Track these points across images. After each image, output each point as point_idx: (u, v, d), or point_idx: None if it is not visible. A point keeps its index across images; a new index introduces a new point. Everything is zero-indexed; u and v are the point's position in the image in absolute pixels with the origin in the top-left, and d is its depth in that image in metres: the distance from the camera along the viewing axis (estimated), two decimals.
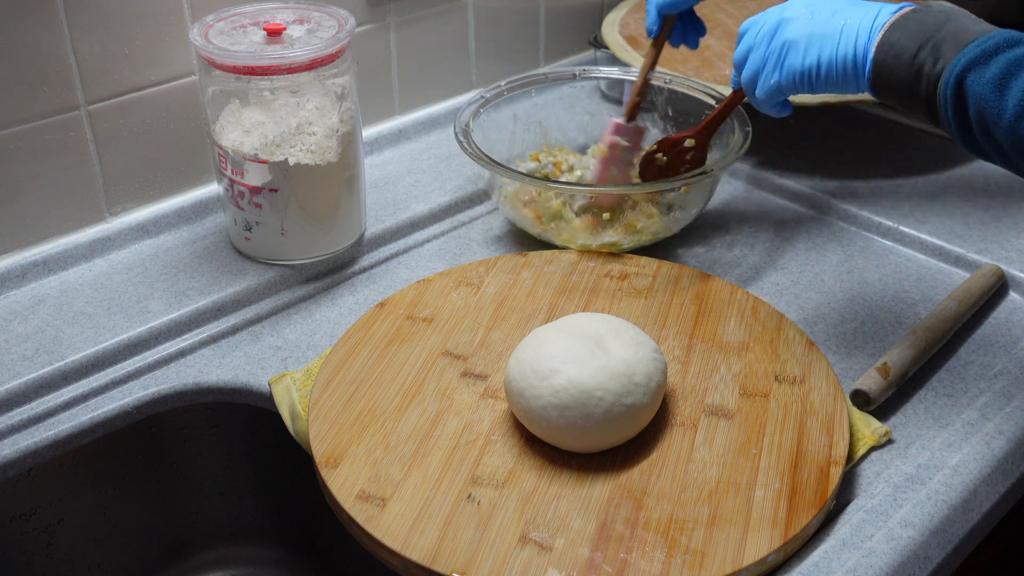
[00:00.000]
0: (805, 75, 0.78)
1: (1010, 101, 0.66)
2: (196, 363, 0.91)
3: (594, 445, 0.75)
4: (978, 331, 0.93)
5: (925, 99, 0.72)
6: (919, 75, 0.71)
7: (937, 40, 0.71)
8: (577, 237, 1.01)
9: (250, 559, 1.00)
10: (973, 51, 0.68)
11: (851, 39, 0.75)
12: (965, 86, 0.68)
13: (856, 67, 0.75)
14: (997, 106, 0.67)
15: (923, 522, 0.73)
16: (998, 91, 0.67)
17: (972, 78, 0.68)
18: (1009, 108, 0.66)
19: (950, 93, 0.69)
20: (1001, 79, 0.67)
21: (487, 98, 1.10)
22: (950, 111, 0.70)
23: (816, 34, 0.77)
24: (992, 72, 0.67)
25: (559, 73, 1.17)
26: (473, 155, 0.99)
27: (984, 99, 0.67)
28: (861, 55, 0.75)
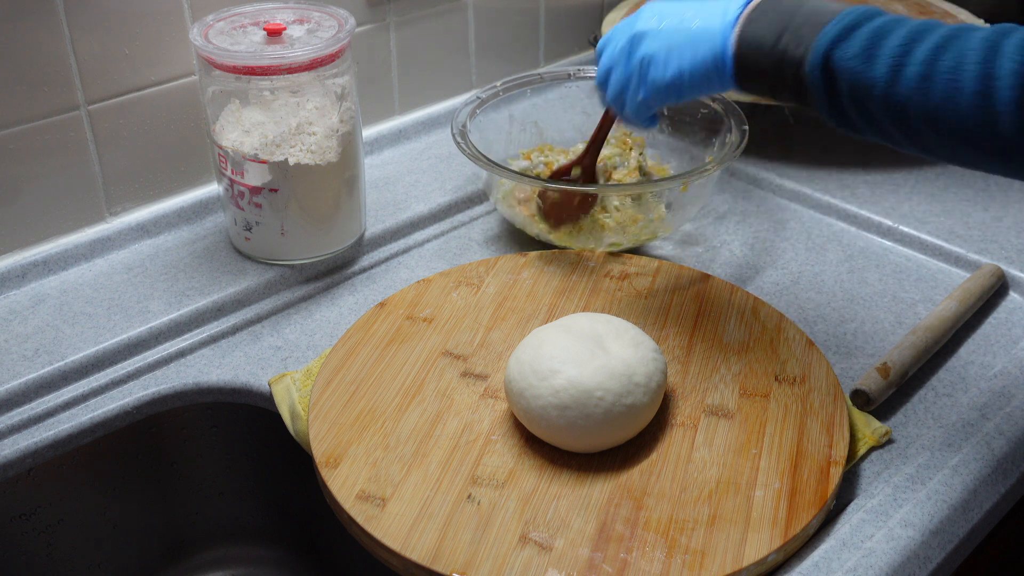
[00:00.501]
0: (671, 87, 0.78)
1: (880, 69, 0.66)
2: (196, 363, 0.91)
3: (594, 445, 0.75)
4: (978, 331, 0.93)
5: (793, 84, 0.71)
6: (783, 61, 0.71)
7: (795, 25, 0.71)
8: (573, 237, 1.01)
9: (250, 559, 1.00)
10: (834, 28, 0.68)
11: (708, 42, 0.75)
12: (832, 63, 0.68)
13: (718, 68, 0.75)
14: (868, 76, 0.67)
15: (923, 522, 0.73)
16: (866, 62, 0.67)
17: (839, 54, 0.68)
18: (880, 76, 0.66)
19: (818, 74, 0.69)
20: (867, 50, 0.67)
21: (483, 98, 1.10)
22: (821, 91, 0.70)
23: (673, 44, 0.77)
24: (857, 44, 0.67)
25: (555, 73, 1.17)
26: (470, 155, 1.00)
27: (854, 72, 0.67)
28: (720, 55, 0.74)
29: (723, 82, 0.76)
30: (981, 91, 0.63)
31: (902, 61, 0.66)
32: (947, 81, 0.64)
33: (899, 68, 0.66)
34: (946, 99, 0.64)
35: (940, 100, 0.64)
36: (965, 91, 0.63)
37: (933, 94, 0.65)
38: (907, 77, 0.65)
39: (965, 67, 0.63)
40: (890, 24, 0.68)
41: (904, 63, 0.66)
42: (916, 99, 0.65)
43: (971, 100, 0.63)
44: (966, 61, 0.63)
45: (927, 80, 0.65)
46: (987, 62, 0.63)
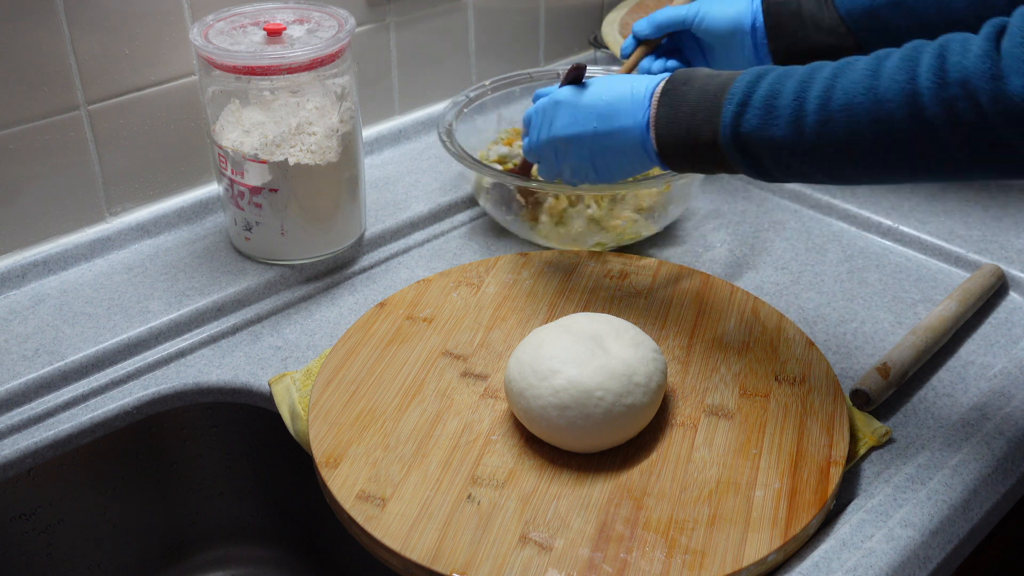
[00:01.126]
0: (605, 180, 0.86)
1: (782, 128, 0.70)
2: (196, 363, 0.91)
3: (594, 445, 0.75)
4: (978, 331, 0.93)
5: (717, 161, 0.76)
6: (700, 147, 0.76)
7: (698, 111, 0.75)
8: (558, 235, 1.01)
9: (250, 559, 1.00)
10: (730, 106, 0.73)
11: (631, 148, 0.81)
12: (742, 137, 0.73)
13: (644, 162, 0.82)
14: (776, 137, 0.71)
15: (923, 522, 0.73)
16: (769, 125, 0.71)
17: (743, 128, 0.72)
18: (785, 134, 0.70)
19: (732, 148, 0.74)
20: (766, 114, 0.71)
21: (472, 98, 1.10)
22: (741, 161, 0.74)
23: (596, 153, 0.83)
24: (755, 113, 0.71)
25: (543, 72, 1.17)
26: (456, 154, 1.00)
27: (762, 137, 0.72)
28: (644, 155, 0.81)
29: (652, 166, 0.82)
30: (876, 118, 0.66)
31: (799, 113, 0.70)
32: (845, 118, 0.68)
33: (799, 120, 0.70)
34: (850, 134, 0.68)
35: (845, 137, 0.68)
36: (863, 121, 0.67)
37: (837, 134, 0.68)
38: (809, 126, 0.69)
39: (856, 100, 0.67)
40: (778, 80, 0.72)
41: (802, 114, 0.70)
42: (824, 142, 0.69)
43: (871, 128, 0.67)
44: (854, 94, 0.67)
45: (827, 123, 0.69)
46: (872, 89, 0.66)
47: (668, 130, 0.77)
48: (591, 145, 0.83)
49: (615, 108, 0.81)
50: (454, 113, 1.07)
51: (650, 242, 1.05)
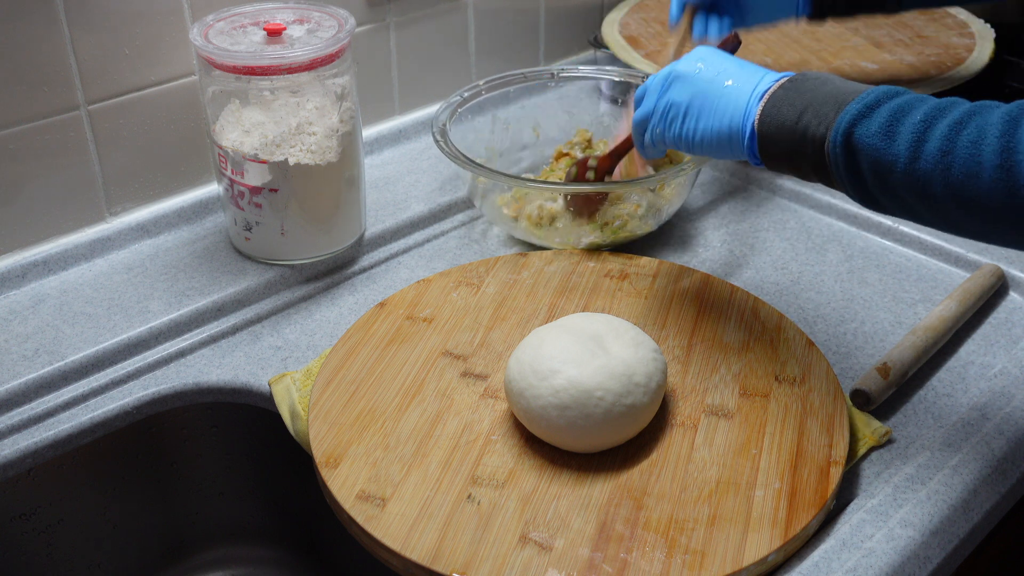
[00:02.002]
0: (684, 142, 0.80)
1: (901, 146, 0.67)
2: (196, 363, 0.91)
3: (594, 445, 0.75)
4: (978, 331, 0.93)
5: (813, 161, 0.72)
6: (804, 139, 0.72)
7: (817, 104, 0.72)
8: (556, 235, 1.01)
9: (250, 559, 1.00)
10: (856, 107, 0.69)
11: (731, 112, 0.76)
12: (854, 141, 0.69)
13: (734, 140, 0.76)
14: (889, 153, 0.67)
15: (923, 522, 0.73)
16: (887, 139, 0.67)
17: (859, 132, 0.69)
18: (901, 153, 0.67)
19: (840, 151, 0.70)
20: (888, 127, 0.68)
21: (465, 98, 1.10)
22: (842, 168, 0.70)
23: (698, 101, 0.78)
24: (878, 122, 0.68)
25: (538, 72, 1.17)
26: (449, 154, 1.00)
27: (875, 149, 0.68)
28: (739, 129, 0.76)
29: (736, 152, 0.77)
30: (1002, 164, 0.62)
31: (923, 137, 0.66)
32: (968, 156, 0.64)
33: (919, 144, 0.66)
34: (968, 174, 0.64)
35: (962, 175, 0.64)
36: (986, 165, 0.63)
37: (954, 169, 0.64)
38: (928, 152, 0.65)
39: (986, 141, 0.63)
40: (911, 102, 0.68)
41: (925, 139, 0.66)
42: (937, 174, 0.65)
43: (993, 174, 0.63)
44: (986, 135, 0.63)
45: (948, 155, 0.65)
46: (1007, 135, 0.63)
47: (778, 110, 0.73)
48: (698, 89, 0.78)
49: (742, 73, 0.77)
50: (448, 113, 1.07)
51: (650, 242, 1.05)
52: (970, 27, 1.27)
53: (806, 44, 1.27)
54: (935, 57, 1.21)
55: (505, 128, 1.15)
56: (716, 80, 0.78)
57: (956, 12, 1.31)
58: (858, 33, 1.26)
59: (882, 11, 0.87)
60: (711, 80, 0.78)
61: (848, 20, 1.11)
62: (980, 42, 1.23)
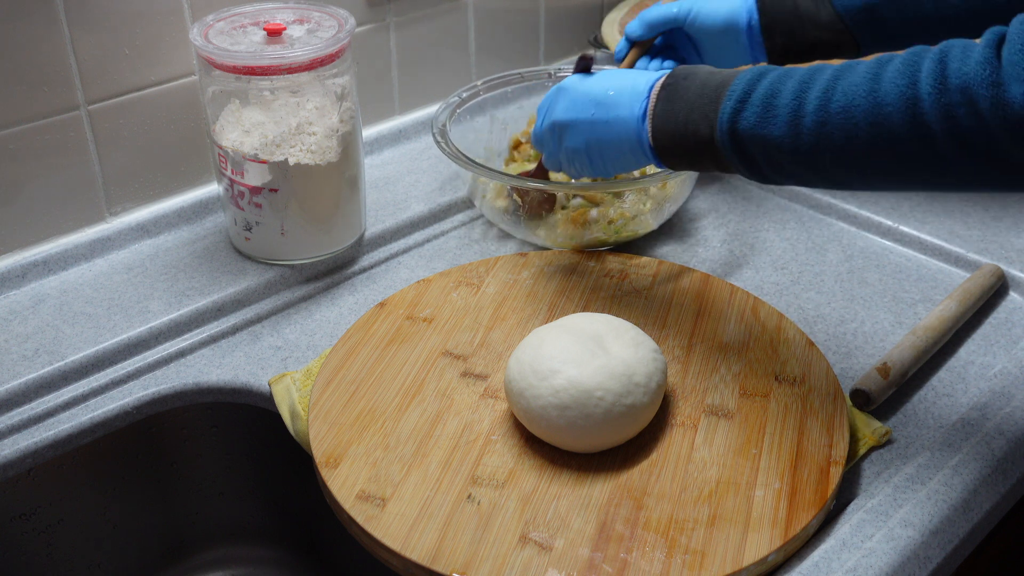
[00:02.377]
0: (599, 172, 0.84)
1: (780, 127, 0.70)
2: (196, 363, 0.91)
3: (594, 445, 0.75)
4: (978, 331, 0.93)
5: (711, 158, 0.75)
6: (695, 142, 0.75)
7: (694, 106, 0.74)
8: (556, 234, 1.01)
9: (250, 559, 1.00)
10: (730, 102, 0.72)
11: (625, 137, 0.79)
12: (738, 133, 0.72)
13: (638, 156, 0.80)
14: (773, 136, 0.70)
15: (923, 522, 0.73)
16: (767, 124, 0.70)
17: (741, 124, 0.71)
18: (782, 134, 0.70)
19: (728, 145, 0.72)
20: (764, 112, 0.70)
21: (464, 98, 1.10)
22: (735, 159, 0.73)
23: (592, 140, 0.82)
24: (754, 111, 0.71)
25: (535, 72, 1.17)
26: (450, 154, 1.00)
27: (759, 137, 0.71)
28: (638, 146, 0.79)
29: (646, 162, 0.81)
30: (875, 121, 0.66)
31: (798, 113, 0.69)
32: (843, 120, 0.67)
33: (797, 121, 0.69)
34: (847, 137, 0.67)
35: (842, 140, 0.67)
36: (861, 124, 0.66)
37: (834, 136, 0.68)
38: (806, 127, 0.69)
39: (855, 103, 0.66)
40: (779, 80, 0.71)
41: (800, 115, 0.69)
42: (821, 144, 0.69)
43: (869, 131, 0.66)
44: (854, 97, 0.67)
45: (825, 125, 0.68)
46: (873, 92, 0.66)
47: (664, 123, 0.76)
48: (587, 133, 0.82)
49: (614, 98, 0.80)
50: (447, 113, 1.07)
51: (650, 241, 1.05)
52: None
53: None
54: None
55: (504, 128, 1.15)
56: (598, 115, 0.81)
57: None
58: None
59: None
60: (594, 119, 0.81)
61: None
62: None
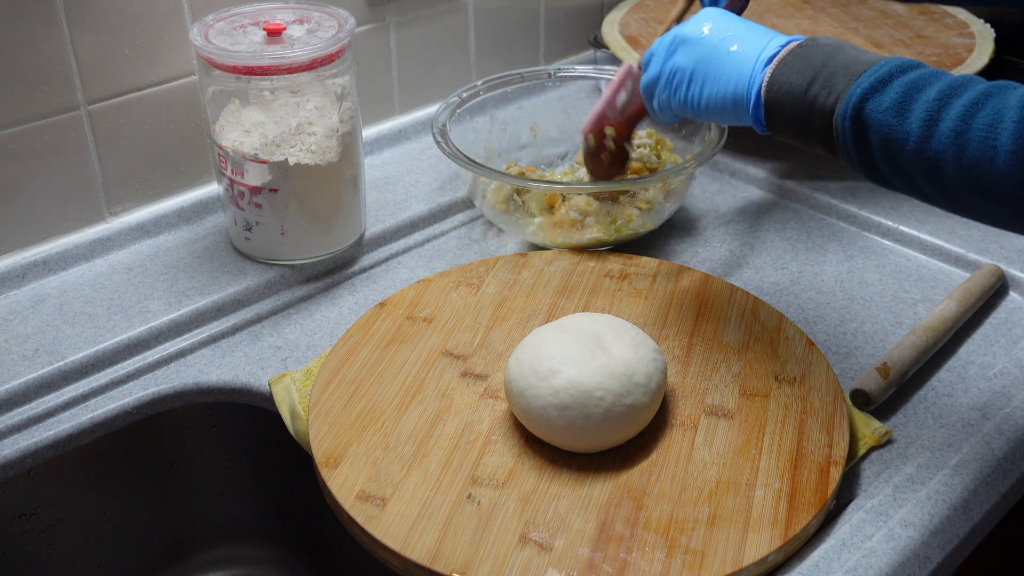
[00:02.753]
0: (689, 107, 0.78)
1: (913, 124, 0.65)
2: (196, 363, 0.91)
3: (594, 445, 0.75)
4: (978, 331, 0.93)
5: (822, 132, 0.70)
6: (812, 109, 0.70)
7: (828, 73, 0.70)
8: (557, 234, 1.01)
9: (250, 559, 1.00)
10: (868, 80, 0.67)
11: (736, 77, 0.74)
12: (864, 115, 0.67)
13: (739, 106, 0.75)
14: (901, 130, 0.65)
15: (923, 522, 0.73)
16: (899, 116, 0.65)
17: (871, 106, 0.67)
18: (914, 131, 0.65)
19: (848, 124, 0.68)
20: (901, 103, 0.65)
21: (464, 98, 1.10)
22: (850, 143, 0.69)
23: (703, 66, 0.76)
24: (891, 98, 0.66)
25: (535, 72, 1.17)
26: (450, 154, 1.00)
27: (886, 125, 0.66)
28: (744, 95, 0.74)
29: (742, 119, 0.75)
30: (1017, 151, 0.61)
31: (937, 116, 0.64)
32: (983, 139, 0.62)
33: (933, 123, 0.64)
34: (981, 157, 0.62)
35: (975, 158, 0.63)
36: (1001, 150, 0.61)
37: (968, 152, 0.63)
38: (941, 132, 0.64)
39: (1002, 125, 0.62)
40: (926, 78, 0.66)
41: (939, 118, 0.64)
42: (950, 155, 0.64)
43: (1007, 160, 0.61)
44: (1003, 119, 0.62)
45: (962, 137, 0.63)
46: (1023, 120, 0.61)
47: (787, 77, 0.71)
48: (703, 54, 0.75)
49: (747, 35, 0.75)
50: (447, 113, 1.07)
51: (650, 241, 1.05)
52: (970, 27, 1.27)
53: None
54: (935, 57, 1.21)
55: (503, 128, 1.15)
56: (721, 44, 0.75)
57: (956, 12, 1.31)
58: (858, 33, 1.26)
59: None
60: (716, 45, 0.76)
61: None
62: (980, 42, 1.23)
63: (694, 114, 0.78)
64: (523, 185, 0.99)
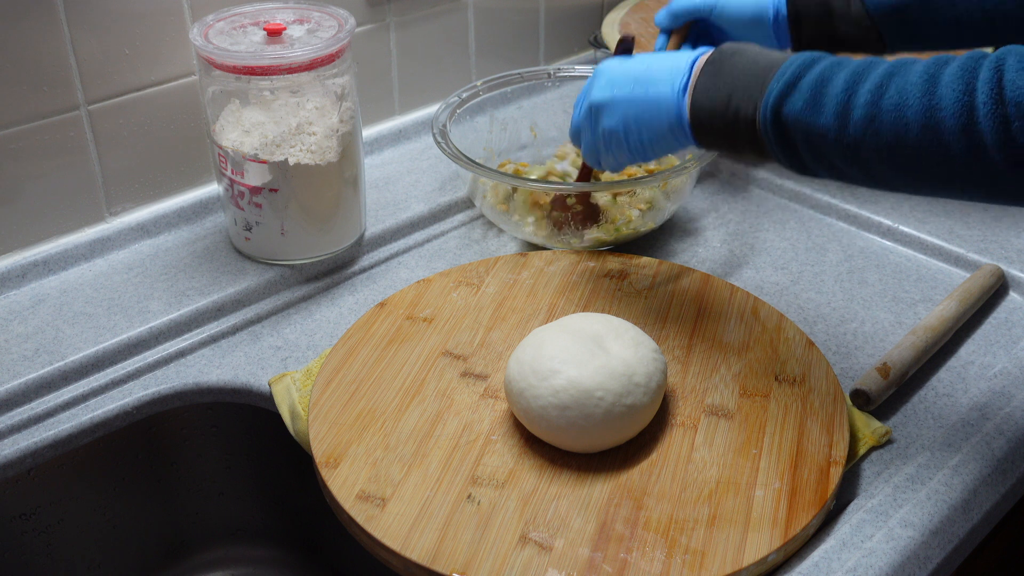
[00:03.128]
0: (636, 154, 0.82)
1: (828, 117, 0.68)
2: (196, 363, 0.91)
3: (594, 445, 0.75)
4: (978, 331, 0.93)
5: (749, 141, 0.73)
6: (736, 123, 0.73)
7: (740, 86, 0.73)
8: (556, 234, 1.01)
9: (250, 559, 1.00)
10: (778, 85, 0.70)
11: (664, 112, 0.77)
12: (782, 119, 0.70)
13: (677, 134, 0.78)
14: (818, 126, 0.68)
15: (923, 522, 0.73)
16: (814, 113, 0.69)
17: (787, 110, 0.70)
18: (830, 125, 0.68)
19: (770, 129, 0.71)
20: (813, 101, 0.69)
21: (463, 99, 1.10)
22: (775, 145, 0.72)
23: (629, 117, 0.80)
24: (802, 97, 0.69)
25: (535, 72, 1.17)
26: (451, 155, 1.00)
27: (804, 124, 0.69)
28: (677, 123, 0.77)
29: (684, 143, 0.79)
30: (927, 124, 0.64)
31: (848, 105, 0.67)
32: (894, 119, 0.66)
33: (846, 113, 0.68)
34: (896, 136, 0.66)
35: (891, 138, 0.66)
36: (912, 125, 0.65)
37: (882, 133, 0.66)
38: (855, 120, 0.67)
39: (908, 103, 0.65)
40: (831, 68, 0.69)
41: (850, 107, 0.67)
42: (867, 140, 0.67)
43: (919, 133, 0.65)
44: (908, 96, 0.65)
45: (874, 121, 0.66)
46: (928, 95, 0.64)
47: (705, 99, 0.74)
48: (625, 110, 0.79)
49: (653, 74, 0.78)
50: (447, 114, 1.07)
51: (650, 241, 1.05)
52: None
53: None
54: None
55: (503, 128, 1.15)
56: (636, 92, 0.79)
57: None
58: None
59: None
60: (631, 95, 0.79)
61: None
62: None
63: (644, 159, 0.82)
64: (522, 185, 0.99)
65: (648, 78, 0.78)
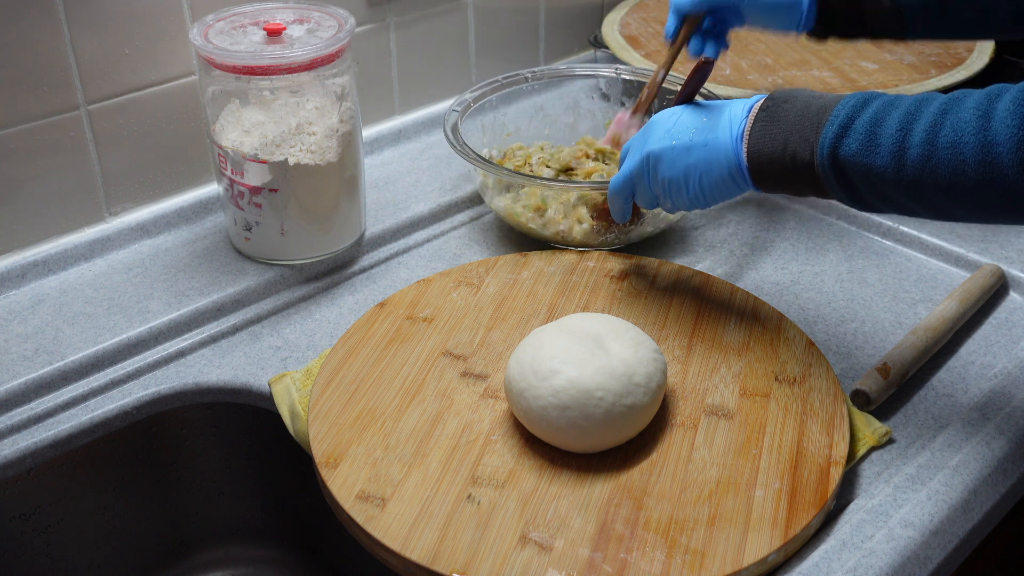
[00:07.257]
0: (697, 202, 0.83)
1: (884, 158, 0.69)
2: (196, 363, 0.91)
3: (594, 445, 0.75)
4: (978, 331, 0.93)
5: (810, 183, 0.75)
6: (794, 168, 0.74)
7: (795, 130, 0.74)
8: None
9: (250, 559, 1.00)
10: (832, 129, 0.72)
11: (722, 160, 0.79)
12: (840, 160, 0.71)
13: (737, 181, 0.79)
14: (876, 167, 0.70)
15: (923, 522, 0.73)
16: (871, 154, 0.70)
17: (843, 152, 0.71)
18: (888, 165, 0.69)
19: (829, 172, 0.72)
20: (868, 142, 0.70)
21: (471, 100, 1.10)
22: (835, 185, 0.73)
23: (689, 167, 0.81)
24: (857, 140, 0.70)
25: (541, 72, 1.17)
26: (461, 152, 1.00)
27: (862, 165, 0.70)
28: (736, 170, 0.79)
29: (744, 188, 0.80)
30: (985, 160, 0.65)
31: (903, 146, 0.68)
32: (950, 156, 0.66)
33: (902, 153, 0.68)
34: (954, 172, 0.66)
35: (948, 175, 0.67)
36: (969, 162, 0.66)
37: (940, 171, 0.67)
38: (911, 160, 0.68)
39: (964, 139, 0.66)
40: (884, 109, 0.70)
41: (906, 146, 0.68)
42: (926, 178, 0.68)
43: (977, 169, 0.65)
44: (963, 133, 0.66)
45: (931, 159, 0.67)
46: (983, 131, 0.65)
47: (762, 145, 0.76)
48: (684, 159, 0.81)
49: (709, 123, 0.80)
50: (459, 114, 1.07)
51: (650, 242, 1.05)
52: None
53: (806, 44, 1.27)
54: (935, 57, 1.21)
55: (504, 128, 1.15)
56: (695, 142, 0.80)
57: None
58: None
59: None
60: (690, 146, 0.81)
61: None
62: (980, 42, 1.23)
63: (704, 206, 0.83)
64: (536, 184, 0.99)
65: (705, 126, 0.80)
